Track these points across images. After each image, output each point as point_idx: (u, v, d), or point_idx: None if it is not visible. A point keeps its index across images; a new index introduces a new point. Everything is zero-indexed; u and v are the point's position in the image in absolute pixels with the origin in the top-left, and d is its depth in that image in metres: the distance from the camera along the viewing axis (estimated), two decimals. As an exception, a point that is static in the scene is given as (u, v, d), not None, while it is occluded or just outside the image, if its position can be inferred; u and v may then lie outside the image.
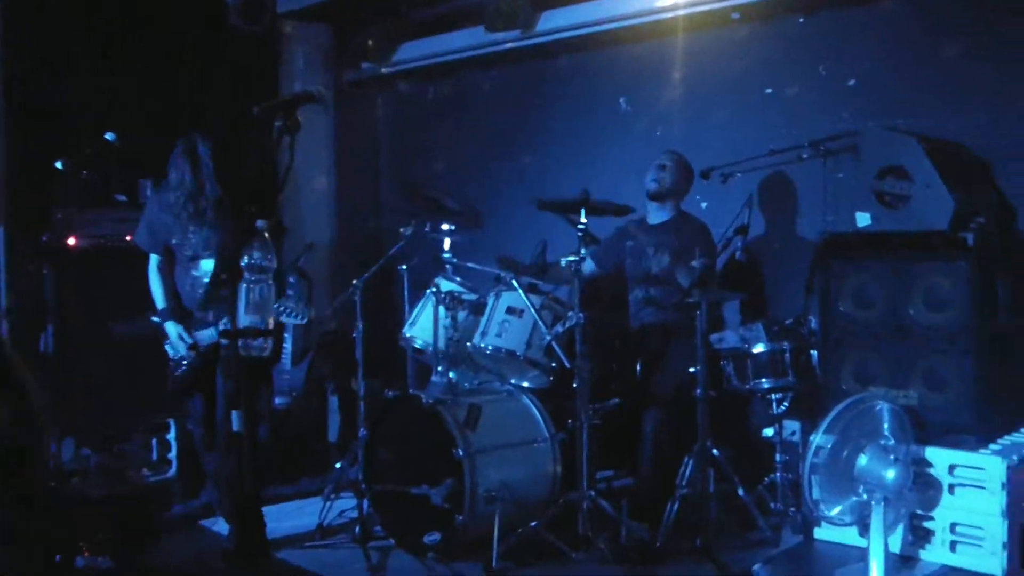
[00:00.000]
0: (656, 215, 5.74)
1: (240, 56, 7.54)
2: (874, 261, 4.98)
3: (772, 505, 5.33)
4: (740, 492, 5.11)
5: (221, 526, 5.24)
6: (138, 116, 6.81)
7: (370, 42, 7.45)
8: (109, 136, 6.05)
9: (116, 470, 6.20)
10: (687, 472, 5.01)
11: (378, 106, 8.02)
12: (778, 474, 5.30)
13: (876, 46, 5.47)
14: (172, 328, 5.14)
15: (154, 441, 6.37)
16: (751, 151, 5.51)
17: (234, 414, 3.28)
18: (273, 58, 7.95)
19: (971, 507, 4.47)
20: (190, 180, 5.04)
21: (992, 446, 4.58)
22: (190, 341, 5.09)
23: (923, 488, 4.56)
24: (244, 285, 3.41)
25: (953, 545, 4.54)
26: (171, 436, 6.39)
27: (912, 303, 4.87)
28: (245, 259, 3.45)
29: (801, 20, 5.76)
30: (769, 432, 5.35)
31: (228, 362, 3.30)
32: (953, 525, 4.54)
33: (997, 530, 4.33)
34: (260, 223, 3.50)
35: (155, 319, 5.22)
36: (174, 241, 5.13)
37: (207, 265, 5.07)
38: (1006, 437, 4.74)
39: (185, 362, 5.15)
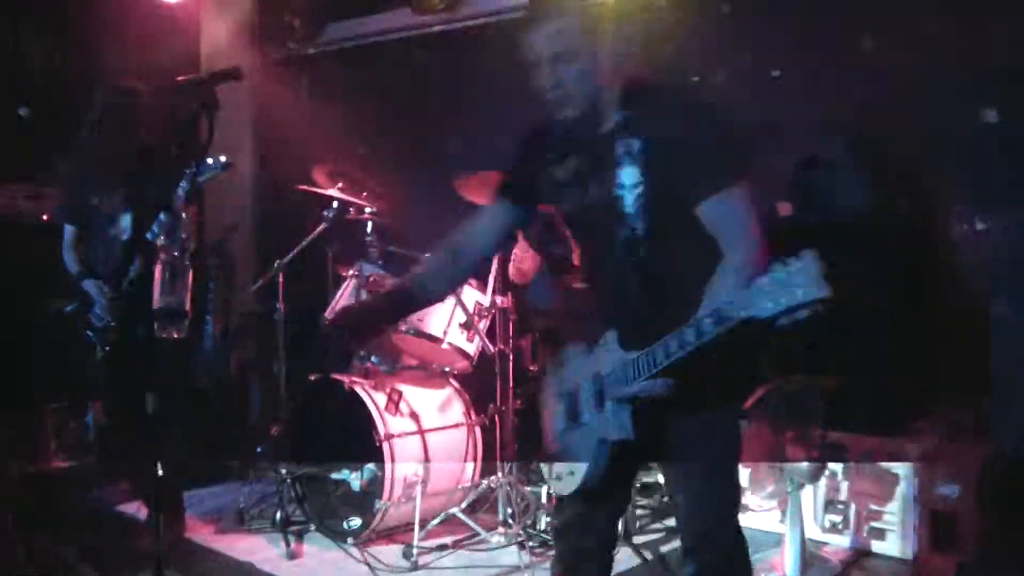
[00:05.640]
0: None
1: (162, 28, 7.40)
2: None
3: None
4: (660, 479, 5.16)
5: (140, 511, 5.16)
6: (54, 87, 6.65)
7: (295, 21, 7.35)
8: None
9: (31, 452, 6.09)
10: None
11: (303, 86, 7.92)
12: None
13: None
14: (91, 284, 4.69)
15: (71, 424, 6.27)
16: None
17: (148, 396, 3.20)
18: (196, 32, 7.81)
19: (884, 493, 4.57)
20: (111, 125, 4.69)
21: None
22: (113, 295, 4.61)
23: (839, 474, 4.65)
24: (159, 263, 3.29)
25: (866, 530, 4.63)
26: (88, 419, 6.29)
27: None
28: (161, 236, 3.33)
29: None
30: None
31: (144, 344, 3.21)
32: (867, 511, 4.64)
33: (909, 515, 4.43)
34: (179, 196, 3.39)
35: (80, 286, 4.75)
36: (94, 201, 4.77)
37: (126, 221, 4.70)
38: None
39: (106, 326, 4.65)
